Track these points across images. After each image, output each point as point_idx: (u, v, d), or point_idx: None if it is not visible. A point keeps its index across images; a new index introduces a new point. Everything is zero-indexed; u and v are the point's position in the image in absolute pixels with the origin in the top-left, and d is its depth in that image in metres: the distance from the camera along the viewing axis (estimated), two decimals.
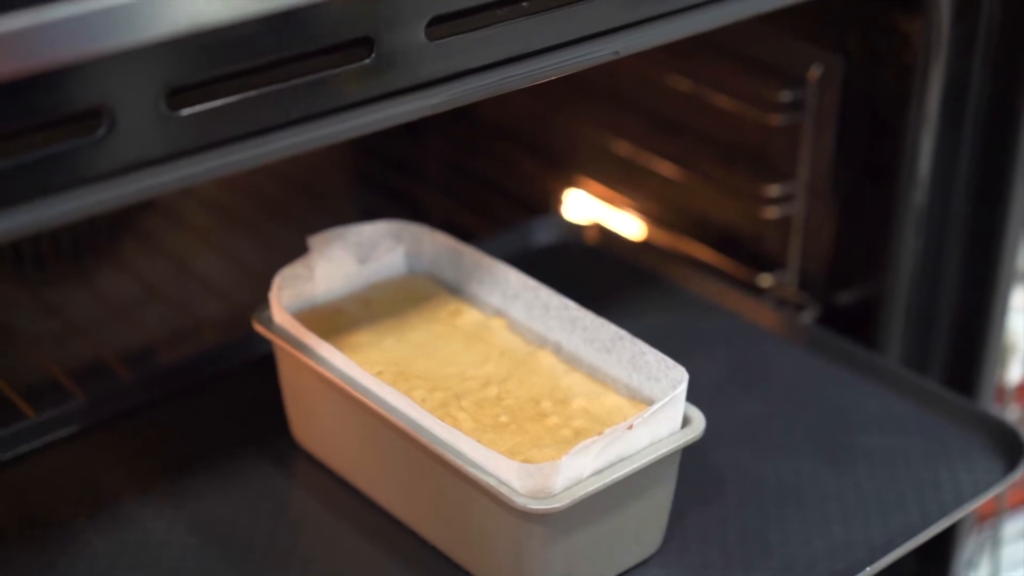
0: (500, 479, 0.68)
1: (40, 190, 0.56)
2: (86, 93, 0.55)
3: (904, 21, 0.91)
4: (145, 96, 0.56)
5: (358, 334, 0.81)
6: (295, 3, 0.58)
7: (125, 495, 0.81)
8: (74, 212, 0.57)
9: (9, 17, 0.50)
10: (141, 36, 0.54)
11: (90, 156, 0.56)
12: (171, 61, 0.56)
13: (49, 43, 0.52)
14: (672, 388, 0.73)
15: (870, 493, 0.80)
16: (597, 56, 0.71)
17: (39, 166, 0.55)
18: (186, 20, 0.55)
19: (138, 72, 0.55)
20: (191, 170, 0.60)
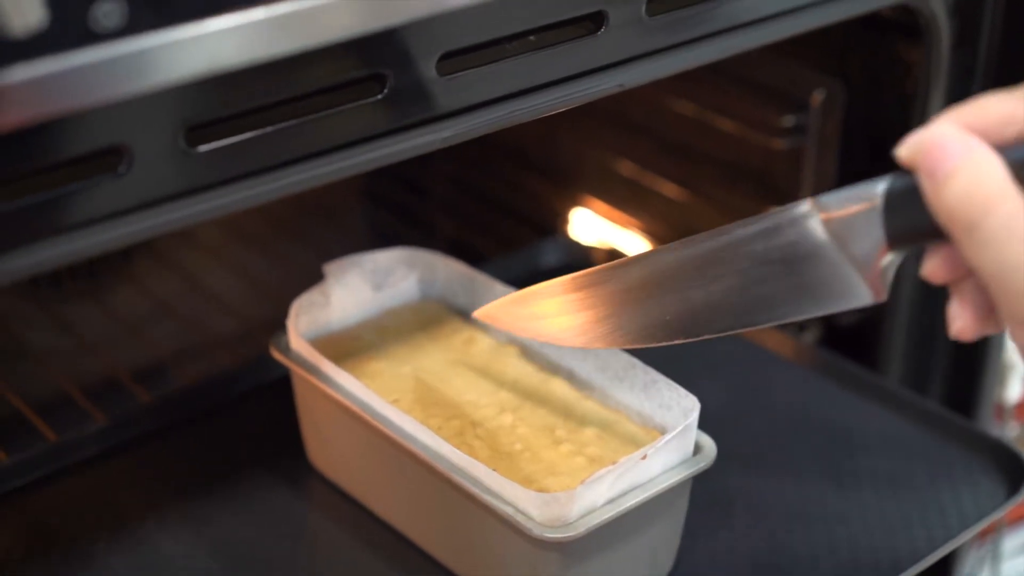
0: (517, 508, 0.69)
1: (62, 226, 0.57)
2: (107, 132, 0.56)
3: (905, 48, 0.92)
4: (165, 134, 0.58)
5: (374, 361, 0.83)
6: (309, 45, 0.59)
7: (144, 519, 0.83)
8: (95, 247, 0.59)
9: (34, 64, 0.51)
10: (161, 80, 0.55)
11: (111, 192, 0.57)
12: (190, 101, 0.58)
13: (72, 88, 0.53)
14: (684, 417, 0.74)
15: (876, 516, 0.82)
16: (602, 89, 0.73)
17: (61, 203, 0.57)
18: (204, 64, 0.56)
19: (158, 112, 0.57)
20: (209, 205, 0.61)
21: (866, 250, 0.57)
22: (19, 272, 0.57)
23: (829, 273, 0.58)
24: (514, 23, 0.67)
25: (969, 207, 0.51)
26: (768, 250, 0.60)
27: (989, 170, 0.51)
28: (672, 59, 0.74)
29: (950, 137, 0.52)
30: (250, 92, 0.60)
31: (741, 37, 0.77)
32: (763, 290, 0.60)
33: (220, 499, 0.84)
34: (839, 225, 0.57)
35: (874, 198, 0.56)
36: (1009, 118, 0.53)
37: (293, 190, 0.64)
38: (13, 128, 0.53)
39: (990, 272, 0.51)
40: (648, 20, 0.72)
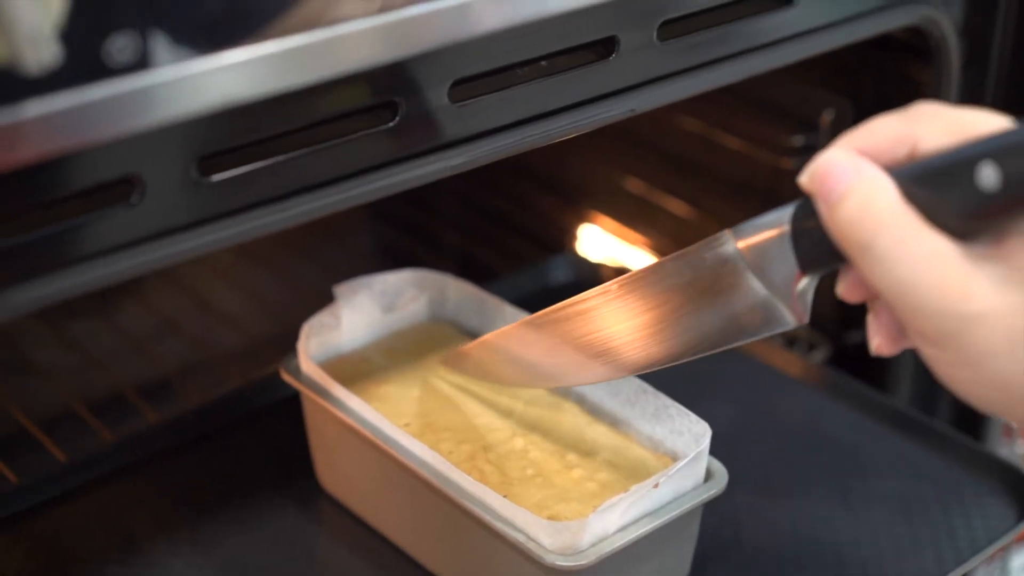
0: (528, 535, 0.69)
1: (76, 257, 0.57)
2: (119, 164, 0.56)
3: (915, 69, 0.92)
4: (177, 164, 0.58)
5: (385, 384, 0.83)
6: (322, 77, 0.59)
7: (155, 540, 0.83)
8: (109, 278, 0.59)
9: (47, 99, 0.51)
10: (175, 113, 0.55)
11: (124, 223, 0.58)
12: (203, 132, 0.58)
13: (86, 123, 0.53)
14: (695, 443, 0.74)
15: (886, 539, 0.82)
16: (614, 114, 0.73)
17: (74, 234, 0.57)
18: (217, 98, 0.56)
19: (171, 143, 0.57)
20: (221, 234, 0.61)
21: (782, 275, 0.58)
22: (34, 303, 0.57)
23: (751, 299, 0.59)
24: (526, 49, 0.68)
25: (860, 229, 0.52)
26: (693, 280, 0.61)
27: (878, 191, 0.52)
28: (683, 84, 0.75)
29: (840, 161, 0.53)
30: (263, 123, 0.60)
31: (752, 61, 0.77)
32: (691, 320, 0.62)
33: (230, 520, 0.84)
34: (754, 252, 0.59)
35: (783, 224, 0.57)
36: (899, 139, 0.54)
37: (305, 219, 0.64)
38: (27, 164, 0.53)
39: (887, 291, 0.52)
40: (659, 45, 0.72)
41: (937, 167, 0.52)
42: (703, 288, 0.61)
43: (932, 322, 0.50)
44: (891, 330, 0.56)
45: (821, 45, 0.80)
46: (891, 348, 0.56)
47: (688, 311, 0.62)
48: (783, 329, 0.59)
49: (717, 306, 0.61)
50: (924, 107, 0.55)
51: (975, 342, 0.50)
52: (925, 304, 0.50)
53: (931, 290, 0.50)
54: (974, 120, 0.53)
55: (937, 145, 0.53)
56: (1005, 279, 0.50)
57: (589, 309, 0.67)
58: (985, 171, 0.50)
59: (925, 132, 0.54)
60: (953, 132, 0.53)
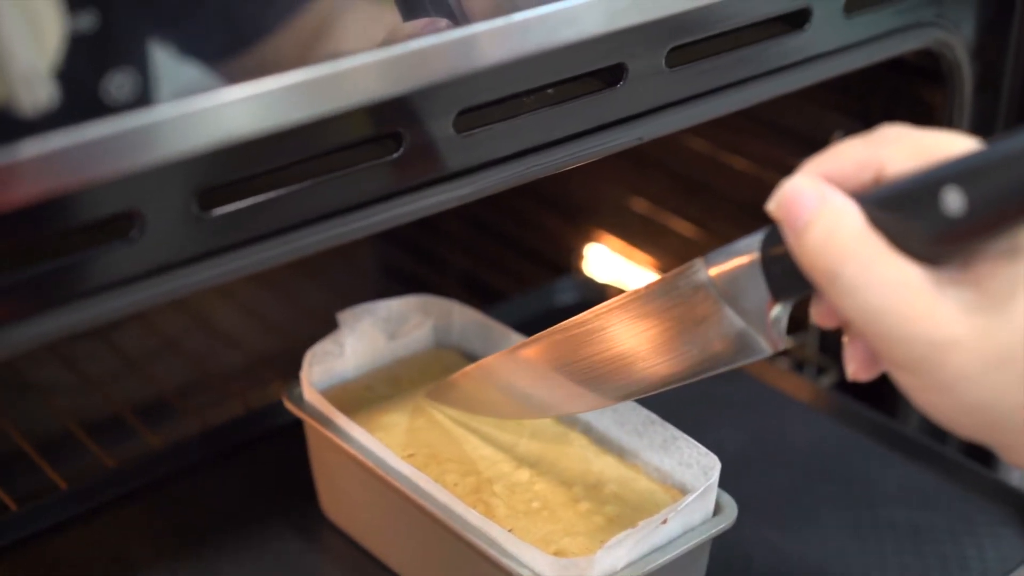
0: (535, 571, 0.68)
1: (74, 294, 0.56)
2: (118, 200, 0.55)
3: (928, 92, 0.91)
4: (177, 199, 0.57)
5: (388, 414, 0.81)
6: (325, 111, 0.58)
7: (155, 569, 0.82)
8: (108, 314, 0.58)
9: (44, 139, 0.50)
10: (175, 151, 0.54)
11: (123, 259, 0.57)
12: (204, 168, 0.57)
13: (84, 162, 0.52)
14: (704, 475, 0.73)
15: (895, 570, 0.81)
16: (622, 142, 0.73)
17: (72, 271, 0.56)
18: (219, 134, 0.55)
19: (171, 178, 0.56)
20: (222, 269, 0.60)
21: (754, 303, 0.57)
22: (34, 341, 0.56)
23: (725, 328, 0.59)
24: (532, 78, 0.67)
25: (826, 257, 0.51)
26: (668, 309, 0.61)
27: (843, 218, 0.51)
28: (692, 110, 0.74)
29: (804, 188, 0.53)
30: (265, 157, 0.59)
31: (763, 87, 0.76)
32: (668, 349, 0.61)
33: (232, 548, 0.83)
34: (726, 280, 0.58)
35: (753, 251, 0.56)
36: (864, 163, 0.53)
37: (308, 251, 0.63)
38: (24, 203, 0.52)
39: (856, 319, 0.51)
40: (668, 72, 0.71)
41: (902, 192, 0.51)
42: (678, 317, 0.60)
43: (902, 349, 0.50)
44: (866, 355, 0.55)
45: (832, 69, 0.79)
46: (866, 374, 0.56)
47: (665, 340, 0.61)
48: (759, 357, 0.59)
49: (693, 335, 0.60)
50: (889, 130, 0.54)
51: (946, 368, 0.50)
52: (894, 331, 0.50)
53: (900, 317, 0.50)
54: (939, 142, 0.53)
55: (903, 168, 0.52)
56: (974, 304, 0.50)
57: (567, 339, 0.67)
58: (950, 195, 0.49)
59: (890, 155, 0.53)
60: (919, 155, 0.52)
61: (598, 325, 0.65)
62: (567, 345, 0.67)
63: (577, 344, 0.66)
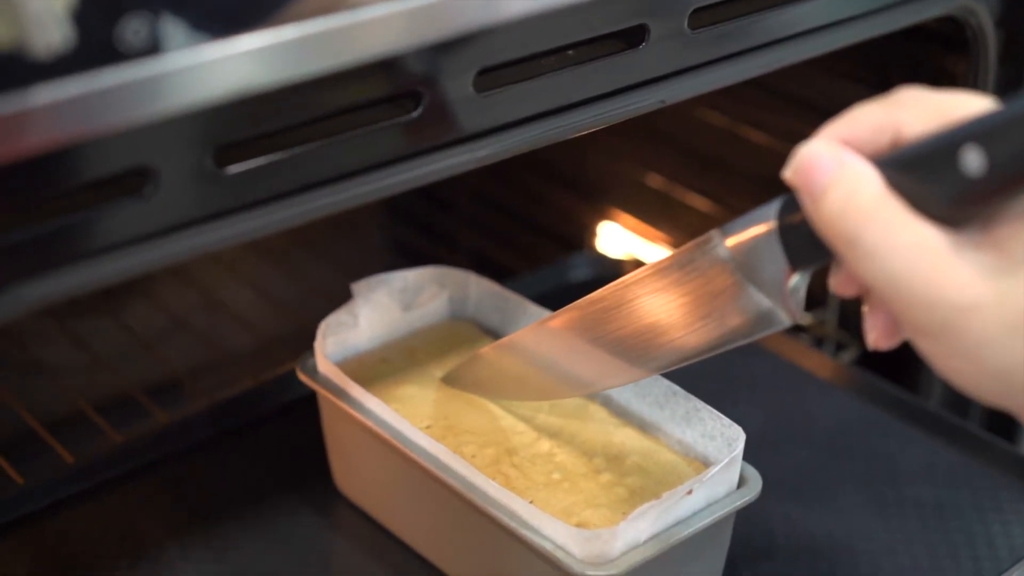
0: (556, 543, 0.67)
1: (84, 252, 0.55)
2: (132, 154, 0.54)
3: (951, 62, 0.90)
4: (192, 155, 0.55)
5: (404, 385, 0.80)
6: (343, 64, 0.57)
7: (165, 545, 0.81)
8: (119, 274, 0.56)
9: (57, 85, 0.49)
10: (191, 101, 0.53)
11: (136, 216, 0.55)
12: (220, 121, 0.55)
13: (97, 110, 0.51)
14: (728, 447, 0.72)
15: (921, 548, 0.79)
16: (643, 105, 0.71)
17: (82, 228, 0.54)
18: (235, 84, 0.54)
19: (186, 132, 0.55)
20: (238, 228, 0.59)
21: (771, 273, 0.56)
22: (43, 300, 0.55)
23: (743, 299, 0.58)
24: (553, 38, 0.65)
25: (845, 222, 0.50)
26: (683, 282, 0.60)
27: (862, 182, 0.50)
28: (714, 74, 0.72)
29: (822, 153, 0.52)
30: (282, 112, 0.58)
31: (787, 50, 0.75)
32: (687, 323, 0.61)
33: (242, 524, 0.82)
34: (743, 251, 0.57)
35: (770, 220, 0.55)
36: (880, 126, 0.52)
37: (324, 212, 0.62)
38: (35, 153, 0.50)
39: (877, 285, 0.50)
40: (690, 34, 0.70)
41: (920, 154, 0.50)
42: (696, 290, 0.60)
43: (924, 314, 0.49)
44: (887, 323, 0.54)
45: (857, 34, 0.77)
46: (888, 342, 0.55)
47: (684, 314, 0.61)
48: (778, 328, 0.58)
49: (712, 307, 0.59)
50: (906, 92, 0.53)
51: (968, 332, 0.49)
52: (916, 296, 0.49)
53: (921, 281, 0.49)
54: (957, 103, 0.52)
55: (921, 130, 0.52)
56: (995, 267, 0.49)
57: (585, 316, 0.67)
58: (969, 155, 0.48)
59: (907, 118, 0.52)
60: (936, 117, 0.51)
61: (616, 300, 0.64)
62: (586, 322, 0.66)
63: (596, 320, 0.66)
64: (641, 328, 0.63)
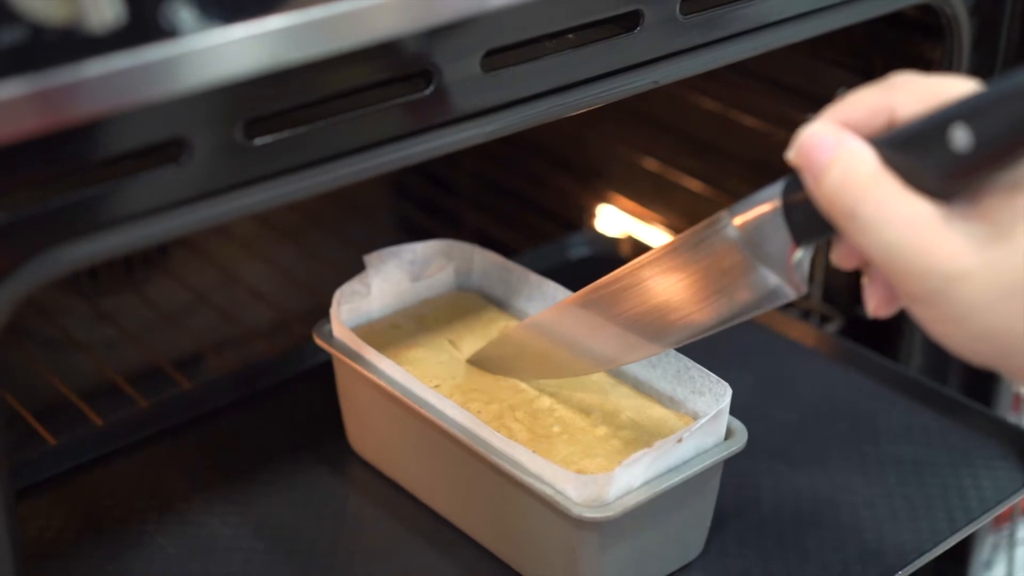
0: (556, 488, 0.72)
1: (122, 216, 0.60)
2: (169, 125, 0.59)
3: (928, 48, 0.95)
4: (224, 127, 0.60)
5: (414, 349, 0.85)
6: (363, 42, 0.62)
7: (191, 501, 0.86)
8: (153, 237, 0.61)
9: (108, 59, 0.54)
10: (226, 75, 0.58)
11: (172, 183, 0.60)
12: (250, 96, 0.60)
13: (142, 83, 0.55)
14: (716, 402, 0.77)
15: (899, 500, 0.84)
16: (638, 85, 0.76)
17: (120, 194, 0.59)
18: (266, 61, 0.59)
19: (220, 105, 0.60)
20: (263, 196, 0.64)
21: (778, 249, 0.60)
22: (86, 259, 0.60)
23: (751, 275, 0.62)
24: (555, 21, 0.70)
25: (844, 197, 0.54)
26: (694, 260, 0.64)
27: (859, 160, 0.54)
28: (705, 56, 0.77)
29: (823, 134, 0.56)
30: (306, 88, 0.63)
31: (772, 35, 0.79)
32: (697, 300, 0.65)
33: (264, 482, 0.87)
34: (750, 229, 0.61)
35: (775, 199, 0.59)
36: (876, 109, 0.56)
37: (343, 182, 0.66)
38: (84, 122, 0.55)
39: (874, 255, 0.54)
40: (682, 19, 0.74)
41: (912, 132, 0.54)
42: (707, 268, 0.64)
43: (918, 282, 0.52)
44: (885, 292, 0.58)
45: (837, 21, 0.82)
46: (887, 310, 0.59)
47: (695, 291, 0.65)
48: (783, 301, 0.62)
49: (721, 284, 0.63)
50: (900, 77, 0.57)
51: (960, 299, 0.52)
52: (910, 265, 0.52)
53: (915, 251, 0.52)
54: (945, 86, 0.56)
55: (913, 112, 0.55)
56: (984, 236, 0.52)
57: (601, 297, 0.71)
58: (958, 132, 0.52)
59: (901, 101, 0.56)
60: (928, 99, 0.55)
61: (631, 280, 0.68)
62: (603, 301, 0.71)
63: (613, 300, 0.70)
64: (655, 306, 0.67)
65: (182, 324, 1.12)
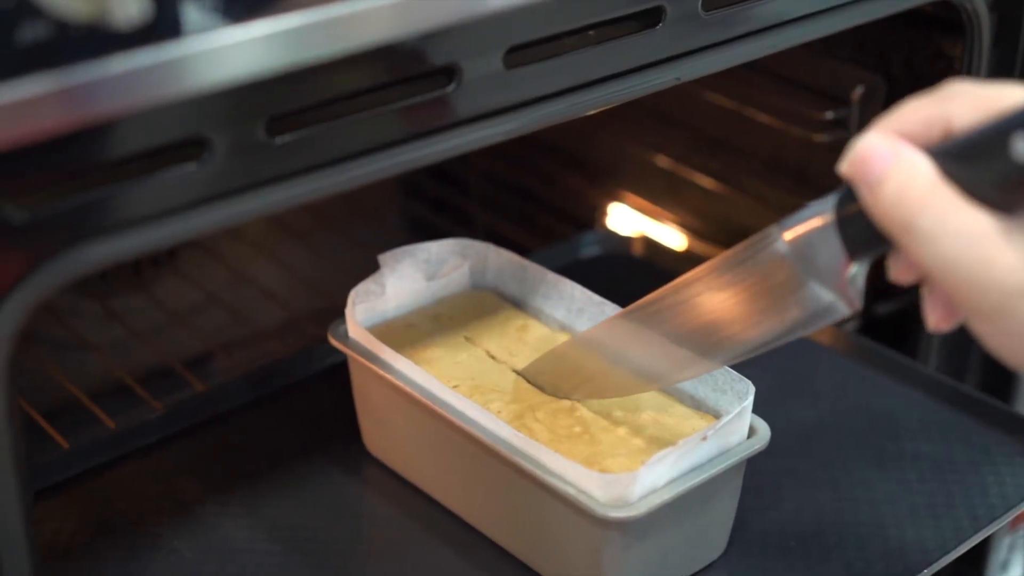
0: (580, 488, 0.71)
1: (142, 216, 0.59)
2: (190, 124, 0.58)
3: (947, 45, 0.94)
4: (246, 125, 0.60)
5: (431, 349, 0.85)
6: (386, 40, 0.61)
7: (205, 503, 0.85)
8: (174, 237, 0.61)
9: (131, 55, 0.53)
10: (250, 73, 0.57)
11: (192, 182, 0.59)
12: (272, 93, 0.60)
13: (165, 80, 0.55)
14: (738, 399, 0.76)
15: (920, 498, 0.84)
16: (660, 83, 0.75)
17: (141, 193, 0.58)
18: (288, 57, 0.58)
19: (241, 103, 0.59)
20: (284, 195, 0.63)
21: (829, 264, 0.59)
22: (105, 260, 0.59)
23: (803, 292, 0.60)
24: (577, 17, 0.69)
25: (902, 210, 0.53)
26: (743, 278, 0.63)
27: (916, 171, 0.53)
28: (727, 53, 0.76)
29: (877, 145, 0.55)
30: (328, 85, 0.62)
31: (793, 31, 0.79)
32: (747, 319, 0.64)
33: (277, 484, 0.87)
34: (801, 244, 0.60)
35: (827, 213, 0.58)
36: (931, 119, 0.55)
37: (365, 180, 0.66)
38: (107, 120, 0.55)
39: (933, 268, 0.53)
40: (704, 15, 0.74)
41: (972, 143, 0.53)
42: (756, 285, 0.62)
43: (978, 296, 0.51)
44: (945, 307, 0.57)
45: (857, 17, 0.81)
46: (947, 324, 0.57)
47: (744, 309, 0.63)
48: (837, 318, 0.60)
49: (771, 301, 0.62)
50: (955, 86, 0.56)
51: (1020, 314, 0.51)
52: (970, 279, 0.51)
53: (975, 265, 0.51)
54: (1003, 94, 0.54)
55: (969, 122, 0.54)
56: None
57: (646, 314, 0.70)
58: (1021, 143, 0.51)
59: (957, 110, 0.55)
60: (984, 108, 0.54)
61: (679, 297, 0.67)
62: (651, 318, 0.70)
63: (660, 317, 0.69)
64: (706, 322, 0.66)
65: (192, 324, 1.11)
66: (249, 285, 1.16)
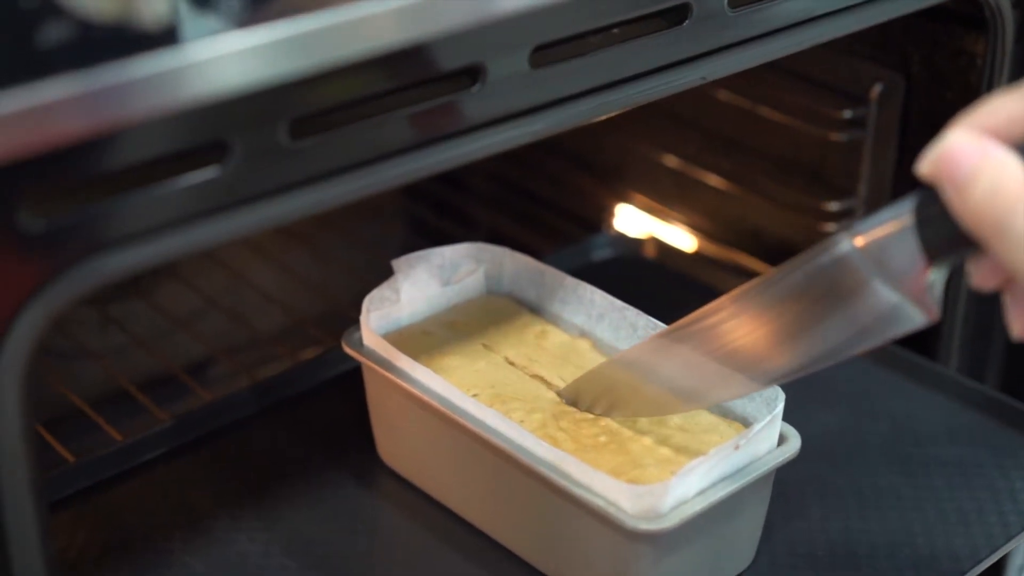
0: (608, 500, 0.70)
1: (163, 223, 0.57)
2: (211, 127, 0.56)
3: (969, 41, 0.92)
4: (269, 128, 0.58)
5: (448, 356, 0.83)
6: (410, 40, 0.60)
7: (216, 517, 0.83)
8: (196, 244, 0.59)
9: (158, 56, 0.51)
10: (276, 74, 0.55)
11: (214, 188, 0.57)
12: (295, 95, 0.58)
13: (190, 81, 0.53)
14: (766, 407, 0.75)
15: (949, 504, 0.82)
16: (686, 81, 0.74)
17: (162, 199, 0.56)
18: (317, 59, 0.57)
19: (264, 106, 0.57)
20: (308, 200, 0.61)
21: (906, 270, 0.56)
22: (126, 268, 0.57)
23: (874, 300, 0.58)
24: (603, 15, 0.68)
25: (993, 209, 0.51)
26: (809, 287, 0.60)
27: (1008, 169, 0.51)
28: (754, 51, 0.75)
29: (964, 143, 0.52)
30: (352, 86, 0.60)
31: (819, 29, 0.77)
32: (813, 330, 0.60)
33: (291, 495, 0.85)
34: (875, 249, 0.57)
35: (904, 216, 0.56)
36: (1016, 117, 0.53)
37: (389, 185, 0.64)
38: (133, 123, 0.53)
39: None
40: (730, 13, 0.72)
41: None
42: (821, 295, 0.59)
43: None
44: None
45: (882, 14, 0.80)
46: None
47: (809, 320, 0.60)
48: (914, 327, 0.57)
49: (839, 312, 0.59)
50: None
51: None
52: None
53: None
54: None
55: None
56: None
57: (696, 331, 0.67)
58: None
59: None
60: None
61: (733, 311, 0.65)
62: (700, 336, 0.67)
63: (712, 333, 0.66)
64: (761, 337, 0.63)
65: (193, 329, 1.09)
66: (249, 288, 1.14)
